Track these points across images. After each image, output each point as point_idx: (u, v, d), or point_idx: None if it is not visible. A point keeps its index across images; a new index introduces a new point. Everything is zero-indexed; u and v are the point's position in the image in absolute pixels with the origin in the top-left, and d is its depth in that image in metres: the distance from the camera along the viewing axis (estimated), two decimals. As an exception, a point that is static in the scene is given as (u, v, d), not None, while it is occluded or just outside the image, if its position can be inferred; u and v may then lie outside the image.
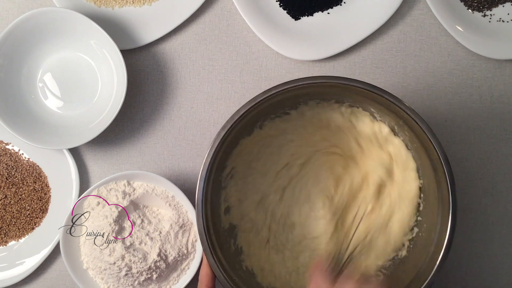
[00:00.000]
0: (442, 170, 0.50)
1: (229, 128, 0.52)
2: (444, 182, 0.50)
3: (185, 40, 0.67)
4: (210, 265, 0.52)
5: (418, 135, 0.52)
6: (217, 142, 0.52)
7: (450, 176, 0.50)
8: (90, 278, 0.62)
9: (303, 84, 0.52)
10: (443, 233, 0.50)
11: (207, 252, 0.52)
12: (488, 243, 0.66)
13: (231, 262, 0.55)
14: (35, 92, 0.66)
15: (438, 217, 0.52)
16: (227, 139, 0.53)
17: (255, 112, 0.54)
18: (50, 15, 0.62)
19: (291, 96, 0.54)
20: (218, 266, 0.52)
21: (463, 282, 0.66)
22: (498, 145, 0.67)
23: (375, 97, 0.52)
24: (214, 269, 0.52)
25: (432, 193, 0.54)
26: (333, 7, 0.67)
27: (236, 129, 0.53)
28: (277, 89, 0.52)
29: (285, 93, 0.52)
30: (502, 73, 0.67)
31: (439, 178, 0.51)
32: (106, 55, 0.65)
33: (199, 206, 0.52)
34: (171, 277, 0.63)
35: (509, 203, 0.66)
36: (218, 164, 0.55)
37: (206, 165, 0.52)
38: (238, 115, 0.52)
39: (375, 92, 0.51)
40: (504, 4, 0.67)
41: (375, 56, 0.67)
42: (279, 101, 0.54)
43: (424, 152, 0.53)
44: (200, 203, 0.52)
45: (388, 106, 0.53)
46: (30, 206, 0.66)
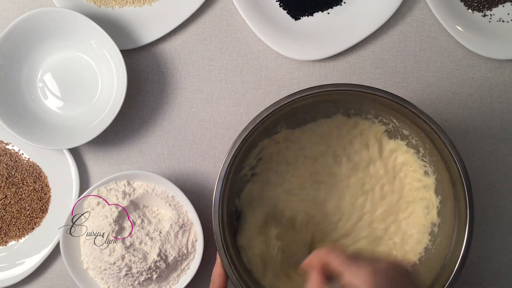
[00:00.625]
0: (461, 183, 0.51)
1: (251, 129, 0.52)
2: (462, 195, 0.51)
3: (185, 40, 0.67)
4: (224, 265, 0.52)
5: (438, 148, 0.53)
6: (238, 143, 0.52)
7: (468, 190, 0.51)
8: (90, 278, 0.62)
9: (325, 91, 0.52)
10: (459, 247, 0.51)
11: (221, 252, 0.52)
12: (488, 243, 0.66)
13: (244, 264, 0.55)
14: (35, 92, 0.66)
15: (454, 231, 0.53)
16: (248, 140, 0.53)
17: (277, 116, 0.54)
18: (50, 15, 0.62)
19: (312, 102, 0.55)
20: (231, 266, 0.52)
21: (462, 281, 0.66)
22: (498, 145, 0.67)
23: (399, 108, 0.52)
24: (227, 270, 0.52)
25: (449, 208, 0.54)
26: (333, 7, 0.67)
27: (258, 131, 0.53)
28: (302, 93, 0.52)
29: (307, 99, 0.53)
30: (502, 73, 0.67)
31: (457, 192, 0.52)
32: (106, 55, 0.65)
33: (216, 206, 0.52)
34: (171, 277, 0.63)
35: (509, 203, 0.66)
36: (236, 166, 0.55)
37: (226, 166, 0.52)
38: (260, 118, 0.52)
39: (399, 103, 0.51)
40: (504, 4, 0.67)
41: (375, 56, 0.67)
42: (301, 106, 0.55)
43: (444, 166, 0.53)
44: (218, 203, 0.52)
45: (410, 118, 0.53)
46: (30, 206, 0.66)
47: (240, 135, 0.52)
